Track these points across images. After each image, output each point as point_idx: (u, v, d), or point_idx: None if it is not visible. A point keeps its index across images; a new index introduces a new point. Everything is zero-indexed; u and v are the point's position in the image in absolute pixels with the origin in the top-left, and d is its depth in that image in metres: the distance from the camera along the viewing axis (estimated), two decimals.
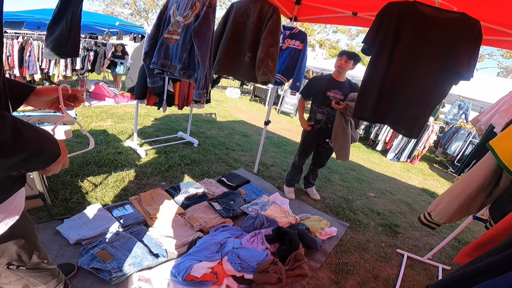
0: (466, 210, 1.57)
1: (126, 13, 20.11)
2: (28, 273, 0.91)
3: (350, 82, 2.92)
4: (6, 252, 0.82)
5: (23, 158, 0.59)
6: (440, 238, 3.11)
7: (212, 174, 3.47)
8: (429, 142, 6.44)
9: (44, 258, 0.96)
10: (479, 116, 2.89)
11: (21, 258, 0.86)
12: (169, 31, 2.34)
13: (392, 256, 2.56)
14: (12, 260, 0.84)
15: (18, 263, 0.86)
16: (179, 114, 6.01)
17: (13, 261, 0.84)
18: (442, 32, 1.83)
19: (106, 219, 2.10)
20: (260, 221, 2.44)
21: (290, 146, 5.51)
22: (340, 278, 2.14)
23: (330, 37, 18.16)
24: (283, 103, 9.18)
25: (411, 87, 1.99)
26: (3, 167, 0.57)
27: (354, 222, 3.02)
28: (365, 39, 2.02)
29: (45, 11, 6.54)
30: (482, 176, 1.52)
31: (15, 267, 0.86)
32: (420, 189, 4.85)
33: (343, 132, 2.78)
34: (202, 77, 2.22)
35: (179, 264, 1.78)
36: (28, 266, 0.90)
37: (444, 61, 1.87)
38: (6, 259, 0.82)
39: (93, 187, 2.63)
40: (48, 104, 0.96)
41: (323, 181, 3.99)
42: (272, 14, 2.52)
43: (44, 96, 0.92)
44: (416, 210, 3.75)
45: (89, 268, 1.63)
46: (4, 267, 0.83)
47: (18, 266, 0.87)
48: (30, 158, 0.61)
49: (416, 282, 2.28)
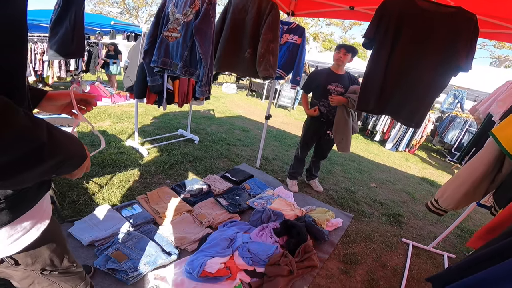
0: (471, 197, 1.62)
1: (115, 12, 19.80)
2: (60, 278, 0.91)
3: (349, 75, 2.95)
4: (40, 257, 0.82)
5: (58, 161, 0.58)
6: (443, 226, 3.18)
7: (215, 170, 3.50)
8: (426, 131, 6.53)
9: (73, 262, 0.97)
10: (477, 105, 2.94)
11: (54, 262, 0.87)
12: (168, 29, 2.33)
13: (398, 246, 2.63)
14: (45, 265, 0.84)
15: (51, 267, 0.86)
16: (178, 111, 5.99)
17: (46, 266, 0.85)
18: (440, 26, 1.87)
19: (116, 220, 2.12)
20: (267, 214, 2.48)
21: (290, 139, 5.54)
22: (349, 268, 2.19)
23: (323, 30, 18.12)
24: (280, 96, 9.19)
25: (413, 79, 2.03)
26: (39, 172, 0.56)
27: (358, 212, 3.08)
28: (366, 34, 2.05)
29: (36, 12, 6.41)
30: (485, 163, 1.57)
31: (49, 272, 0.86)
32: (419, 178, 4.93)
33: (345, 124, 2.82)
34: (205, 74, 2.23)
35: (192, 261, 1.81)
36: (60, 271, 0.90)
37: (444, 54, 1.91)
38: (40, 264, 0.83)
39: (99, 188, 2.64)
40: (60, 109, 0.95)
41: (325, 173, 4.03)
42: (271, 10, 2.53)
43: (56, 101, 0.91)
44: (417, 199, 3.83)
45: (105, 269, 1.66)
46: (38, 272, 0.84)
47: (51, 271, 0.87)
48: (63, 162, 0.61)
49: (423, 270, 2.35)
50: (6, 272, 0.82)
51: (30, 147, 0.49)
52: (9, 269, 0.80)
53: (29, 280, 0.85)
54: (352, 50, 2.79)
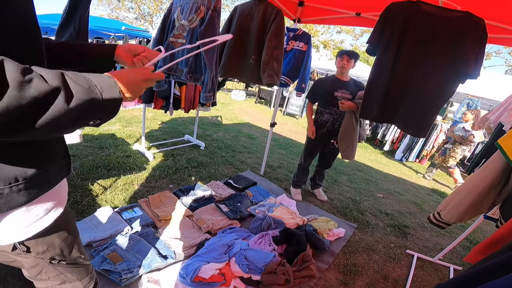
0: (476, 209, 1.56)
1: (131, 18, 20.41)
2: (67, 268, 0.90)
3: (355, 81, 2.93)
4: (51, 245, 0.82)
5: (84, 102, 0.56)
6: (451, 238, 3.06)
7: (219, 176, 3.49)
8: (437, 141, 6.36)
9: (82, 253, 0.95)
10: (488, 114, 2.85)
11: (63, 252, 0.86)
12: (174, 35, 2.37)
13: (402, 257, 2.54)
14: (55, 254, 0.84)
15: (60, 257, 0.86)
16: (186, 117, 6.06)
17: (56, 256, 0.84)
18: (447, 31, 1.83)
19: (116, 222, 2.14)
20: (267, 222, 2.45)
21: (296, 148, 5.51)
22: (348, 279, 2.13)
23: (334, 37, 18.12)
24: (289, 104, 9.18)
25: (418, 86, 1.98)
26: (70, 116, 0.54)
27: (362, 223, 3.00)
28: (370, 40, 2.03)
29: (52, 16, 6.65)
30: (491, 175, 1.50)
31: (57, 261, 0.86)
32: (429, 189, 4.79)
33: (352, 131, 2.78)
34: (209, 80, 2.25)
35: (187, 265, 1.79)
36: (68, 261, 0.89)
37: (450, 60, 1.86)
38: (50, 253, 0.83)
39: (103, 190, 2.67)
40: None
41: (330, 182, 3.97)
42: (275, 16, 2.55)
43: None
44: (425, 211, 3.71)
45: (100, 269, 1.66)
46: (47, 261, 0.83)
47: (60, 261, 0.86)
48: (90, 102, 0.57)
49: (427, 282, 2.26)
50: (18, 261, 0.83)
51: (43, 93, 0.49)
52: (20, 256, 0.80)
53: (37, 268, 0.85)
54: (354, 55, 2.79)
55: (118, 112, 0.72)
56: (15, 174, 0.64)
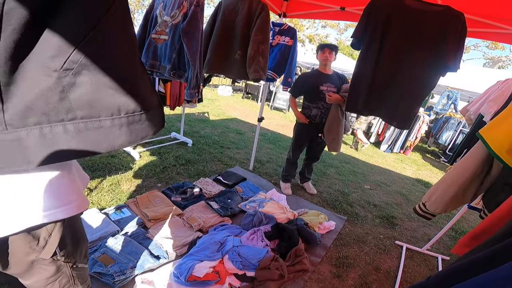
0: (460, 200, 1.60)
1: None
2: (78, 273, 0.86)
3: (338, 74, 2.97)
4: (76, 246, 0.79)
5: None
6: (437, 228, 3.17)
7: (207, 173, 3.47)
8: (420, 132, 6.54)
9: (86, 256, 0.91)
10: (468, 106, 2.94)
11: (83, 254, 0.84)
12: (156, 31, 2.31)
13: (391, 248, 2.61)
14: (77, 256, 0.81)
15: (80, 260, 0.83)
16: (171, 114, 5.96)
17: (77, 258, 0.82)
18: (428, 25, 1.87)
19: (104, 223, 2.09)
20: (258, 218, 2.45)
21: (284, 142, 5.53)
22: (341, 271, 2.17)
23: (319, 32, 18.14)
24: (276, 99, 9.19)
25: (401, 79, 2.03)
26: None
27: (352, 215, 3.06)
28: (354, 34, 2.05)
29: None
30: (473, 165, 1.55)
31: (75, 266, 0.82)
32: (414, 180, 4.93)
33: (338, 124, 2.82)
34: (193, 77, 2.21)
35: (180, 265, 1.78)
36: (80, 265, 0.85)
37: (432, 54, 1.91)
38: (76, 255, 0.80)
39: (88, 191, 2.60)
40: None
41: (318, 175, 4.02)
42: (261, 11, 2.52)
43: None
44: (411, 201, 3.82)
45: (92, 272, 1.63)
46: (70, 265, 0.80)
47: (78, 264, 0.83)
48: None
49: (417, 273, 2.33)
50: (31, 272, 0.75)
51: None
52: (45, 265, 0.74)
53: (54, 277, 0.78)
54: (335, 48, 2.86)
55: None
56: (118, 105, 0.57)
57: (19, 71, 0.47)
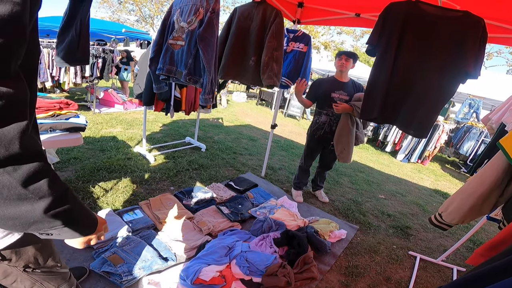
0: (478, 211, 1.54)
1: (132, 20, 20.50)
2: (43, 277, 0.92)
3: (354, 82, 2.91)
4: (24, 254, 0.83)
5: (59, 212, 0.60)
6: (454, 239, 3.04)
7: (219, 178, 3.49)
8: (439, 142, 6.33)
9: (58, 262, 0.97)
10: (490, 114, 2.83)
11: (38, 261, 0.88)
12: (173, 37, 2.37)
13: (404, 259, 2.52)
14: (29, 262, 0.85)
15: (34, 265, 0.87)
16: (187, 119, 6.07)
17: (29, 264, 0.86)
18: (446, 31, 1.82)
19: (117, 224, 2.14)
20: (268, 224, 2.44)
21: (297, 149, 5.49)
22: (350, 280, 2.11)
23: (334, 38, 18.05)
24: (290, 106, 9.18)
25: (418, 87, 1.97)
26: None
27: (364, 224, 2.99)
28: (369, 41, 2.02)
29: (53, 19, 6.69)
30: (494, 176, 1.49)
31: (31, 270, 0.87)
32: (432, 190, 4.76)
33: (348, 133, 2.76)
34: (208, 82, 2.25)
35: (188, 267, 1.79)
36: (43, 270, 0.91)
37: (450, 60, 1.85)
38: (24, 261, 0.84)
39: (104, 192, 2.68)
40: None
41: (331, 184, 3.95)
42: (275, 18, 2.54)
43: None
44: (428, 212, 3.68)
45: (100, 271, 1.66)
46: (21, 269, 0.85)
47: (34, 269, 0.88)
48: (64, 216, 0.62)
49: (430, 284, 2.23)
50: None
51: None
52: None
53: (12, 277, 0.86)
54: (353, 56, 2.78)
55: (120, 115, 0.72)
56: None
57: None
